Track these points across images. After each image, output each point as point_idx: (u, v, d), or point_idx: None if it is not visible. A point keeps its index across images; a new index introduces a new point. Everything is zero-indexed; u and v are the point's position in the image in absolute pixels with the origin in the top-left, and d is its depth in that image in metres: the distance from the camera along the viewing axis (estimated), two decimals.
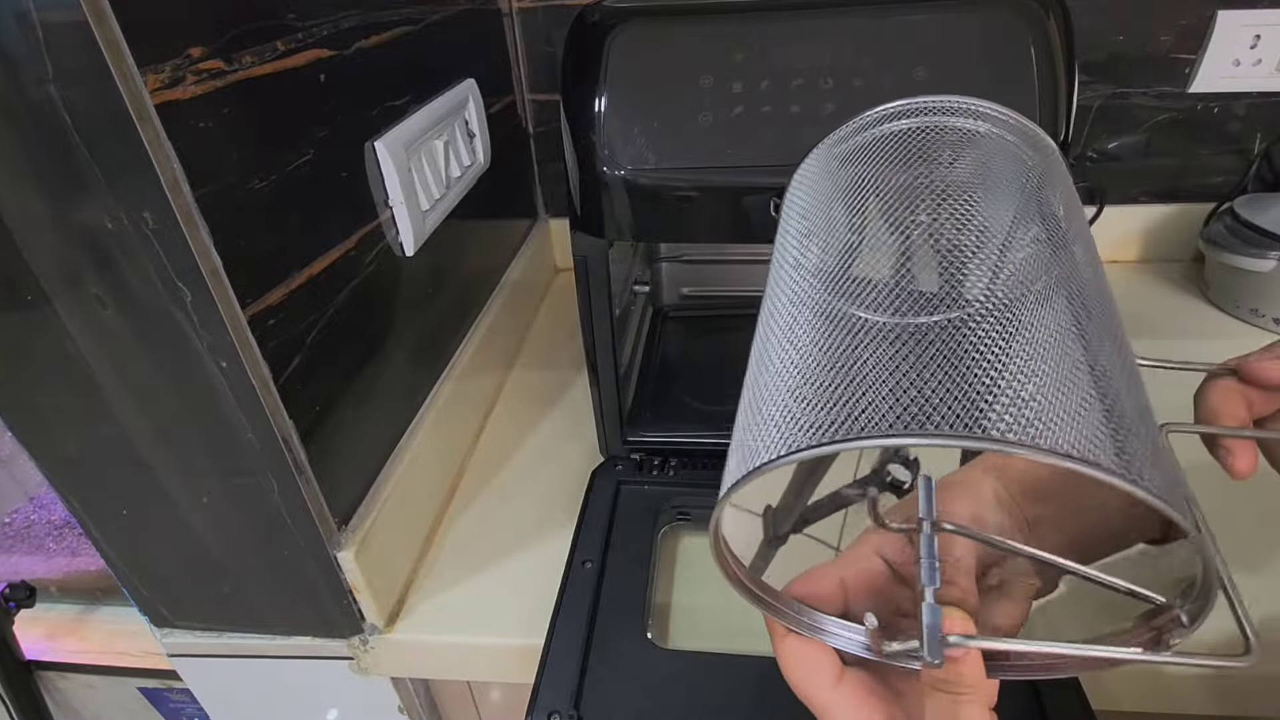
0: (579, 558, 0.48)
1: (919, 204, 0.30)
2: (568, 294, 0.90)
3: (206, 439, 0.38)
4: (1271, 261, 0.70)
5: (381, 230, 0.48)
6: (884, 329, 0.25)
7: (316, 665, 0.51)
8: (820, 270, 0.29)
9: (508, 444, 0.65)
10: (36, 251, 0.32)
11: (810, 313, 0.27)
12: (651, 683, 0.40)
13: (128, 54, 0.28)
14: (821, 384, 0.24)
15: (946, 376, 0.21)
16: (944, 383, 0.21)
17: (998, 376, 0.21)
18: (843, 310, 0.26)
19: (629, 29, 0.42)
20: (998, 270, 0.28)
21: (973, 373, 0.22)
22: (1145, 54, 0.76)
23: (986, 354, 0.22)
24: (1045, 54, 0.38)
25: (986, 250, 0.28)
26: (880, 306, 0.26)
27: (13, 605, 0.68)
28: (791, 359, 0.26)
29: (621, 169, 0.41)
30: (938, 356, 0.23)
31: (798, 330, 0.27)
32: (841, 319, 0.26)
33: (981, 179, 0.31)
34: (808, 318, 0.27)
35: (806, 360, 0.25)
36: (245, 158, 0.35)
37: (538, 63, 0.82)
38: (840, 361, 0.24)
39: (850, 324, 0.26)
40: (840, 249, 0.30)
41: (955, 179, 0.31)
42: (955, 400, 0.21)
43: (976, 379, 0.21)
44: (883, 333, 0.25)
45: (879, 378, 0.22)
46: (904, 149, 0.33)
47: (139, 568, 0.46)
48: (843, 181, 0.33)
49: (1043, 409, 0.20)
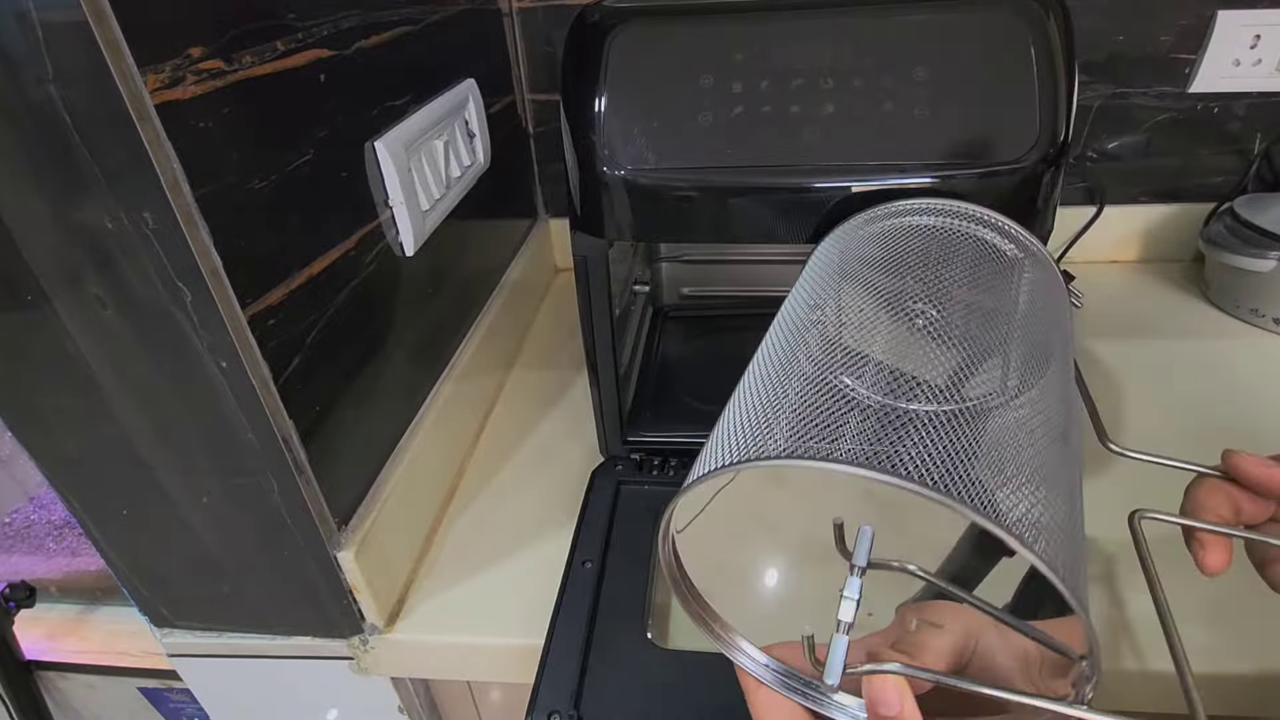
0: (579, 558, 0.48)
1: (929, 299, 0.32)
2: (568, 294, 0.90)
3: (206, 439, 0.38)
4: (1271, 261, 0.70)
5: (381, 230, 0.48)
6: (869, 404, 0.27)
7: (316, 665, 0.51)
8: (826, 339, 0.31)
9: (508, 444, 0.65)
10: (36, 251, 0.32)
11: (801, 378, 0.29)
12: (651, 683, 0.40)
13: (128, 54, 0.28)
14: (795, 434, 0.26)
15: (918, 451, 0.23)
16: (915, 456, 0.23)
17: (967, 463, 0.23)
18: (838, 380, 0.28)
19: (629, 29, 0.42)
20: (1002, 378, 0.30)
21: (946, 452, 0.23)
22: (1145, 54, 0.76)
23: (959, 442, 0.24)
24: (1045, 54, 0.38)
25: (989, 361, 0.30)
26: (875, 386, 0.28)
27: (13, 605, 0.68)
28: (773, 414, 0.28)
29: (621, 169, 0.41)
30: (914, 435, 0.25)
31: (789, 383, 0.29)
32: (834, 389, 0.28)
33: (995, 294, 0.33)
34: (797, 381, 0.29)
35: (787, 414, 0.27)
36: (245, 158, 0.35)
37: (538, 63, 0.82)
38: (824, 422, 0.26)
39: (840, 393, 0.27)
40: (848, 322, 0.32)
41: (971, 286, 0.33)
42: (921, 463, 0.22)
43: (947, 456, 0.23)
44: (868, 408, 0.27)
45: (853, 441, 0.25)
46: (931, 244, 0.35)
47: (139, 568, 0.46)
48: (870, 258, 0.36)
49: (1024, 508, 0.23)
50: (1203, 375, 0.68)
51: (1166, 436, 0.60)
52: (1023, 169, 0.39)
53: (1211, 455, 0.58)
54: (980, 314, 0.32)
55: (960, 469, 0.22)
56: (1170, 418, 0.62)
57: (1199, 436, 0.60)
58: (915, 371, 0.28)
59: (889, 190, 0.40)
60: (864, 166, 0.40)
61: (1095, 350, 0.72)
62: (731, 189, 0.41)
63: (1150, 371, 0.68)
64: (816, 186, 0.41)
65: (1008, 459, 0.25)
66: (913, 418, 0.26)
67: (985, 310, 0.32)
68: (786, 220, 0.42)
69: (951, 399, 0.27)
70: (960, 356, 0.30)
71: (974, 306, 0.32)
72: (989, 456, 0.25)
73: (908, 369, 0.29)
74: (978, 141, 0.39)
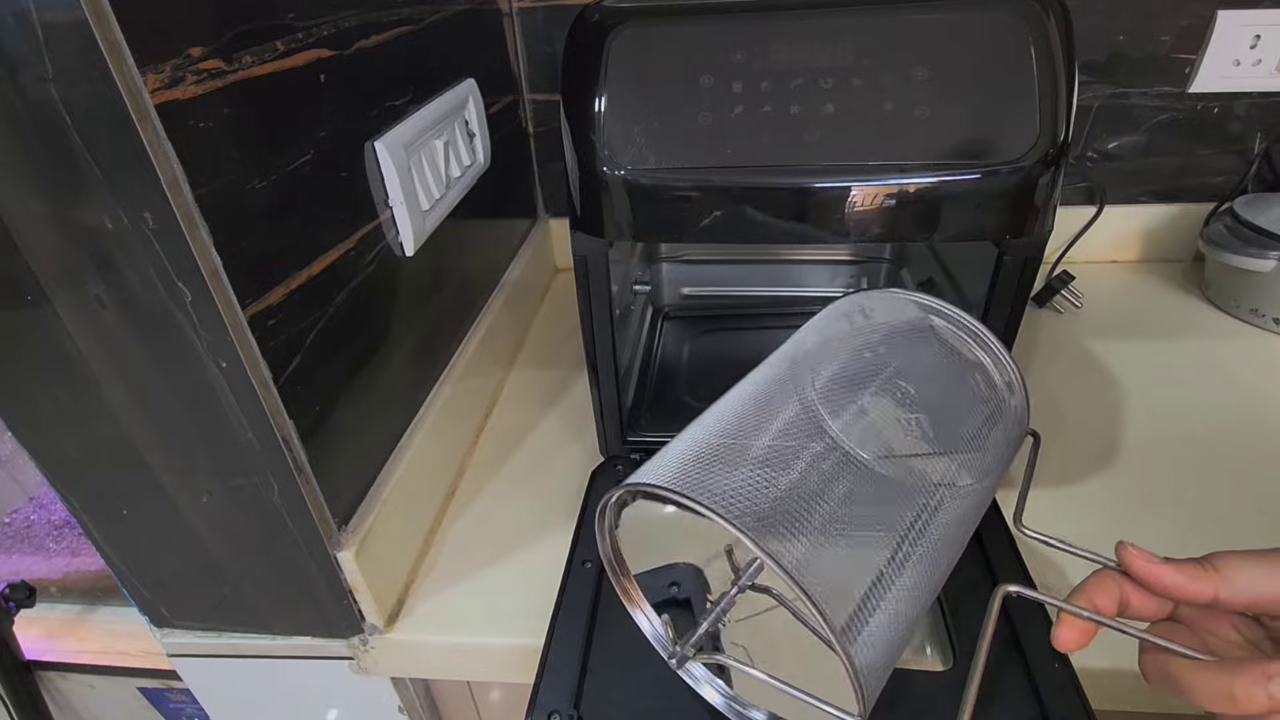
0: (579, 558, 0.48)
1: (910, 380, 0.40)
2: (568, 294, 0.90)
3: (206, 439, 0.38)
4: (1271, 261, 0.70)
5: (381, 230, 0.48)
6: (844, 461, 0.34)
7: (316, 665, 0.51)
8: (824, 393, 0.37)
9: (508, 444, 0.65)
10: (36, 251, 0.32)
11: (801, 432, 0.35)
12: (651, 683, 0.40)
13: (128, 54, 0.28)
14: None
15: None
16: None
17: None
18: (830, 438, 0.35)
19: (629, 29, 0.42)
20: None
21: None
22: (1145, 54, 0.76)
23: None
24: (1045, 54, 0.38)
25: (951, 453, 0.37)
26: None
27: (13, 605, 0.68)
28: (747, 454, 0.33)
29: (621, 169, 0.41)
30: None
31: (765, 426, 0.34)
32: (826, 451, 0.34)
33: (968, 409, 0.39)
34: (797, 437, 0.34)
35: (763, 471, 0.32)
36: (245, 158, 0.35)
37: (538, 63, 0.82)
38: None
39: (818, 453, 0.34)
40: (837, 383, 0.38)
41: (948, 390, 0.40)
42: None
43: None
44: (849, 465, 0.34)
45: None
46: (922, 341, 0.42)
47: (139, 568, 0.46)
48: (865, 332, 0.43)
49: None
50: (1203, 375, 0.68)
51: (1166, 437, 0.60)
52: (1023, 169, 0.39)
53: (1212, 457, 0.58)
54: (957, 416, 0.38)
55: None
56: (1170, 418, 0.62)
57: (1199, 437, 0.60)
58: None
59: (889, 190, 0.40)
60: (864, 166, 0.40)
61: (1095, 350, 0.72)
62: (731, 189, 0.41)
63: (1150, 371, 0.68)
64: (816, 186, 0.41)
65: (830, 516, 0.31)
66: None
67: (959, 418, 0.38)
68: (786, 220, 0.42)
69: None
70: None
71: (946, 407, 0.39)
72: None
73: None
74: (978, 141, 0.39)
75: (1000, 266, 0.44)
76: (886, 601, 0.29)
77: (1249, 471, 0.56)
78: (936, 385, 0.40)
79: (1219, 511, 0.52)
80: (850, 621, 0.28)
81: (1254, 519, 0.52)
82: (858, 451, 0.35)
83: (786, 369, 0.39)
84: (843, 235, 0.42)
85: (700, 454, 0.32)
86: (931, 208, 0.41)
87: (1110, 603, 0.30)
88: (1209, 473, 0.56)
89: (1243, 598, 0.28)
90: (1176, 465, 0.57)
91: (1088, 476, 0.56)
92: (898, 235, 0.42)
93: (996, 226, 0.42)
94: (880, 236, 0.43)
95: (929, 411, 0.39)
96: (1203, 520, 0.52)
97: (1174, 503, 0.54)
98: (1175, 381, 0.67)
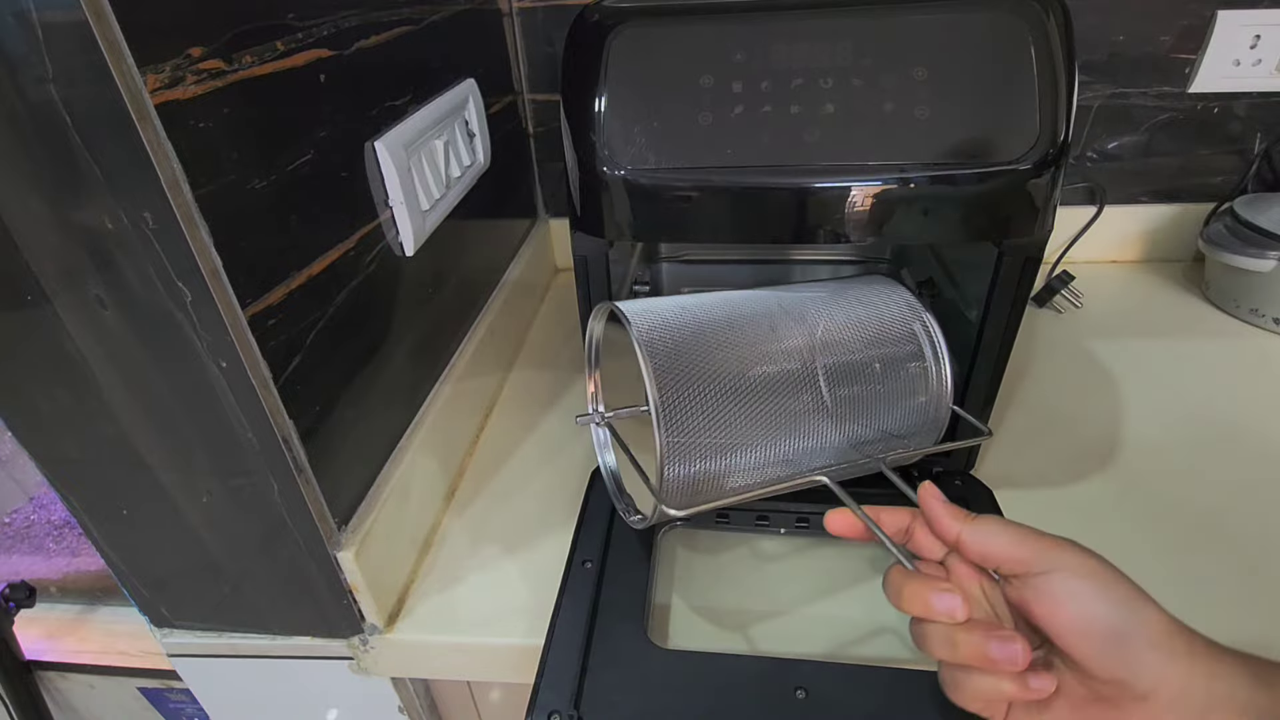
0: (579, 558, 0.48)
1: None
2: (568, 294, 0.90)
3: (206, 439, 0.38)
4: (1271, 261, 0.70)
5: (381, 230, 0.48)
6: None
7: (316, 665, 0.51)
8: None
9: (508, 444, 0.65)
10: (36, 251, 0.32)
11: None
12: (651, 683, 0.40)
13: (128, 54, 0.28)
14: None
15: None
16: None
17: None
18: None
19: (629, 29, 0.42)
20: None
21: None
22: (1145, 54, 0.76)
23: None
24: (1045, 54, 0.38)
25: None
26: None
27: (13, 605, 0.69)
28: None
29: (621, 169, 0.41)
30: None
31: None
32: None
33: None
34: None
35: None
36: (245, 158, 0.35)
37: (538, 63, 0.82)
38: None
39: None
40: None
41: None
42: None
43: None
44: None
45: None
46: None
47: (139, 568, 0.46)
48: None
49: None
50: (1203, 375, 0.68)
51: (1166, 437, 0.60)
52: (1023, 169, 0.39)
53: (1212, 456, 0.58)
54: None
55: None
56: (1170, 418, 0.62)
57: (1199, 437, 0.60)
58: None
59: (889, 190, 0.40)
60: (864, 166, 0.40)
61: (1095, 350, 0.72)
62: (731, 189, 0.41)
63: (1150, 371, 0.68)
64: (816, 186, 0.41)
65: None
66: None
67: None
68: (786, 220, 0.42)
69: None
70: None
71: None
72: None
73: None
74: (978, 141, 0.39)
75: (1000, 266, 0.44)
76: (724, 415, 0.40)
77: (1249, 471, 0.56)
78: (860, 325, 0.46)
79: (1219, 511, 0.52)
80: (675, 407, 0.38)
81: (1254, 518, 0.52)
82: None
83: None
84: (842, 235, 0.42)
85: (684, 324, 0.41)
86: (931, 208, 0.41)
87: (895, 522, 0.36)
88: (1209, 473, 0.56)
89: (976, 549, 0.32)
90: (1176, 465, 0.57)
91: (1087, 476, 0.56)
92: (898, 235, 0.42)
93: (996, 227, 0.42)
94: (880, 237, 0.43)
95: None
96: (1202, 520, 0.52)
97: (1174, 502, 0.54)
98: (1175, 381, 0.67)
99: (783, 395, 0.42)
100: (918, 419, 0.46)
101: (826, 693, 0.39)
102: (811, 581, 0.49)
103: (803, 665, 0.41)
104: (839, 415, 0.43)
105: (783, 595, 0.48)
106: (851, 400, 0.44)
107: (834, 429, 0.43)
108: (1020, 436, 0.60)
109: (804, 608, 0.47)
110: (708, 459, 0.40)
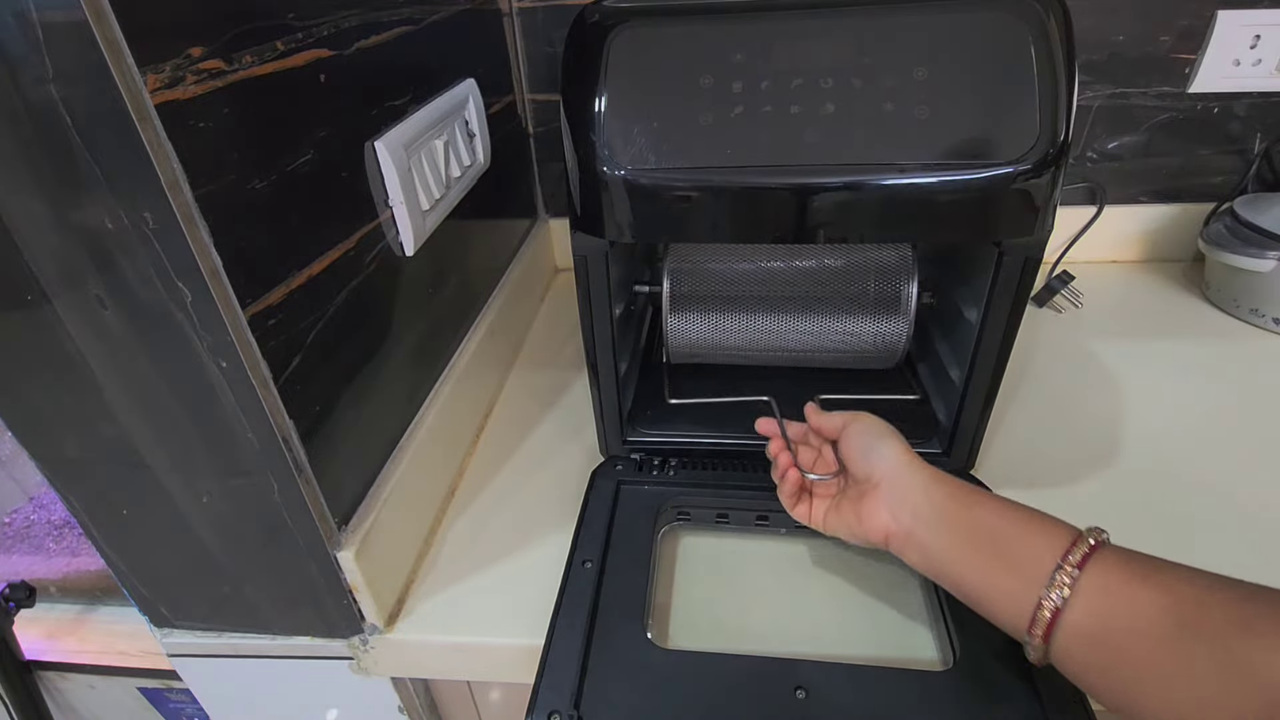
0: (579, 558, 0.48)
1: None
2: (568, 294, 0.90)
3: (206, 439, 0.38)
4: (1271, 261, 0.70)
5: (381, 230, 0.48)
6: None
7: (316, 665, 0.51)
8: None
9: (508, 444, 0.65)
10: (36, 251, 0.32)
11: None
12: (651, 683, 0.40)
13: (128, 54, 0.28)
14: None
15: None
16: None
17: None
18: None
19: (629, 29, 0.42)
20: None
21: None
22: (1145, 54, 0.76)
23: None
24: (1045, 54, 0.38)
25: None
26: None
27: (13, 605, 0.69)
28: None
29: (621, 169, 0.41)
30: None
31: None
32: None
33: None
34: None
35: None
36: (245, 158, 0.35)
37: (538, 63, 0.82)
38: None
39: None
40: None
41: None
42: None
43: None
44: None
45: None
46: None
47: (139, 568, 0.46)
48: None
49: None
50: (1203, 375, 0.68)
51: (1166, 437, 0.60)
52: (1023, 169, 0.39)
53: (1212, 456, 0.58)
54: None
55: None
56: (1170, 418, 0.62)
57: (1199, 437, 0.60)
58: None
59: (889, 190, 0.40)
60: (864, 166, 0.40)
61: (1095, 350, 0.72)
62: (731, 189, 0.41)
63: (1150, 371, 0.68)
64: (816, 186, 0.41)
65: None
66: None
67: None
68: (786, 220, 0.42)
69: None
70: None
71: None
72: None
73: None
74: (978, 141, 0.39)
75: (1000, 266, 0.44)
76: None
77: (1248, 471, 0.56)
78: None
79: (1219, 511, 0.52)
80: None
81: (1253, 518, 0.52)
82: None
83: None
84: (842, 235, 0.42)
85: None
86: (931, 208, 0.41)
87: (797, 431, 0.51)
88: (1209, 472, 0.56)
89: (824, 427, 0.48)
90: (1176, 465, 0.57)
91: (1087, 476, 0.56)
92: (898, 235, 0.42)
93: (996, 226, 0.42)
94: (880, 237, 0.43)
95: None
96: (1202, 519, 0.52)
97: (1174, 502, 0.54)
98: (1175, 381, 0.67)
99: (774, 284, 0.59)
100: (871, 341, 0.59)
101: (826, 693, 0.39)
102: (812, 581, 0.49)
103: (802, 665, 0.41)
104: (809, 308, 0.59)
105: (783, 595, 0.48)
106: (823, 300, 0.58)
107: (807, 318, 0.59)
108: (1020, 436, 0.60)
109: (804, 608, 0.47)
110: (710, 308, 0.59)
